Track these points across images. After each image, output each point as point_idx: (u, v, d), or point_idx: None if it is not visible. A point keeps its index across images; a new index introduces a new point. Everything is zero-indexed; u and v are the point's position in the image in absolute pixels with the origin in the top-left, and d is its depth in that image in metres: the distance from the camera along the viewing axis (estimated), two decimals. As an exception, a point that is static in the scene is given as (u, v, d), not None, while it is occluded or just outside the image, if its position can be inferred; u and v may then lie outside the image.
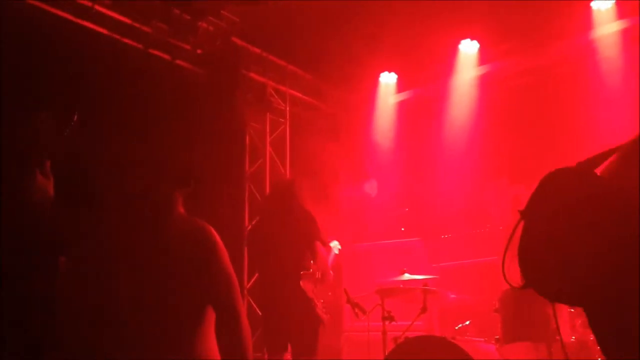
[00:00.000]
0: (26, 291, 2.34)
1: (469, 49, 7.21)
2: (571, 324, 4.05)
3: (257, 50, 6.94)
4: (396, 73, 7.87)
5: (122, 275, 2.30)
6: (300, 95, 7.62)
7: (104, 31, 5.75)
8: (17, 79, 4.20)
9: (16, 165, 2.37)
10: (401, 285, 4.88)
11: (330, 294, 4.93)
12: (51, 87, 4.69)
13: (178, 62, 6.43)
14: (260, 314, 6.51)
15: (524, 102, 6.69)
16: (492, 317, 4.30)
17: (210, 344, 2.33)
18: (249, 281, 6.62)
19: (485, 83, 7.19)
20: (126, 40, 5.94)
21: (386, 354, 4.39)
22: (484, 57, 7.18)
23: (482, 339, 4.50)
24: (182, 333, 2.29)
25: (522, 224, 1.70)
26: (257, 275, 6.69)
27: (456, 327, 4.68)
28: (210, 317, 2.36)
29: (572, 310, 3.95)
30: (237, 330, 2.31)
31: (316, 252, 4.61)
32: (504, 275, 1.77)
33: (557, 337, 3.83)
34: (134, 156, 2.44)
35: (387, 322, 4.67)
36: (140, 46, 6.05)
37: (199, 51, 6.43)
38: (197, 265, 2.30)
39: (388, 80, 7.94)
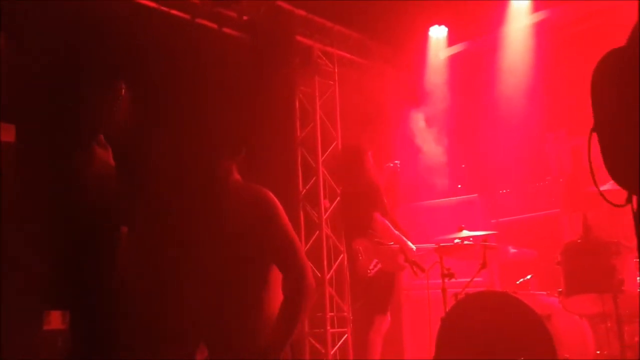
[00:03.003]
0: (90, 260, 2.44)
1: (521, -5, 6.92)
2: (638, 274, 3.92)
3: (303, 13, 6.86)
4: (446, 26, 7.64)
5: (185, 243, 2.36)
6: (348, 55, 7.51)
7: (152, 4, 5.81)
8: (67, 55, 4.30)
9: (74, 141, 2.43)
10: (460, 242, 4.83)
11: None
12: (102, 62, 4.79)
13: (225, 30, 6.44)
14: (319, 275, 6.60)
15: (584, 49, 6.35)
16: (554, 270, 4.21)
17: (276, 305, 2.34)
18: (306, 244, 6.69)
19: (541, 31, 6.88)
20: (174, 12, 5.99)
21: (447, 310, 4.39)
22: (538, 4, 6.87)
23: (545, 293, 4.42)
24: (248, 297, 2.34)
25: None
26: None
27: (517, 282, 4.60)
28: (276, 278, 2.39)
29: (637, 260, 3.81)
30: (302, 286, 2.31)
31: (375, 224, 4.95)
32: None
33: (623, 288, 3.72)
34: (188, 127, 2.48)
35: (446, 279, 4.65)
36: (187, 17, 6.10)
37: (244, 18, 6.42)
38: (259, 229, 2.33)
39: (438, 33, 7.72)
